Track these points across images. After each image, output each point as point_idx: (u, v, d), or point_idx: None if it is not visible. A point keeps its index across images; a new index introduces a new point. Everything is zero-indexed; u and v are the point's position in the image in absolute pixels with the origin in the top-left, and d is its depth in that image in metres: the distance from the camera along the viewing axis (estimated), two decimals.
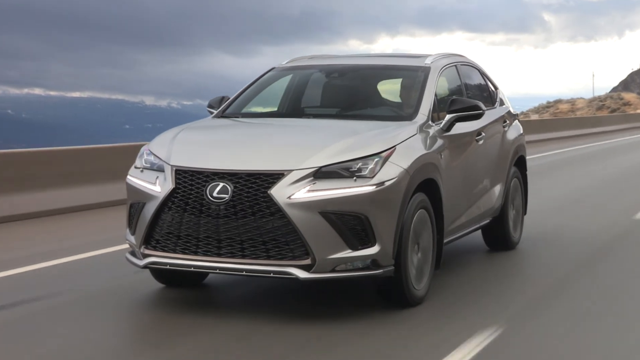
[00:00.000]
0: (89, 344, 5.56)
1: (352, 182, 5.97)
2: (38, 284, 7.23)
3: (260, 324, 5.91)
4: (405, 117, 7.00)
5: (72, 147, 12.93)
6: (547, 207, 11.80)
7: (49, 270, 7.75)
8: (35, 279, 7.43)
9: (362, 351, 5.40)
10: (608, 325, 6.06)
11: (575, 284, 7.35)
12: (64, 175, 11.69)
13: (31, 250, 8.77)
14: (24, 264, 7.91)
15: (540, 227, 10.09)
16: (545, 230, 9.91)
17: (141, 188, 6.33)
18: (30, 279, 7.42)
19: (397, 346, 5.50)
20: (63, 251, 8.58)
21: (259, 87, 7.96)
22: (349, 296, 6.77)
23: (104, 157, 12.47)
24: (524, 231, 9.22)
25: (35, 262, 8.02)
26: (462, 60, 8.38)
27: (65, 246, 8.93)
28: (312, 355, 5.35)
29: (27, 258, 8.22)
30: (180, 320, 6.04)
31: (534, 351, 5.44)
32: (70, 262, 8.10)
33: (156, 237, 6.18)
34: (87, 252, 8.54)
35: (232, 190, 5.92)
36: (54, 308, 6.47)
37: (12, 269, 7.72)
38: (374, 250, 5.99)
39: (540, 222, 10.40)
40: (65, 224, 10.62)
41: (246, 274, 5.96)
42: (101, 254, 8.50)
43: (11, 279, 7.40)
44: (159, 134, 6.92)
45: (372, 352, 5.38)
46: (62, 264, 8.03)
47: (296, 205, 5.84)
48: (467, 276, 7.56)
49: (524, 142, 9.20)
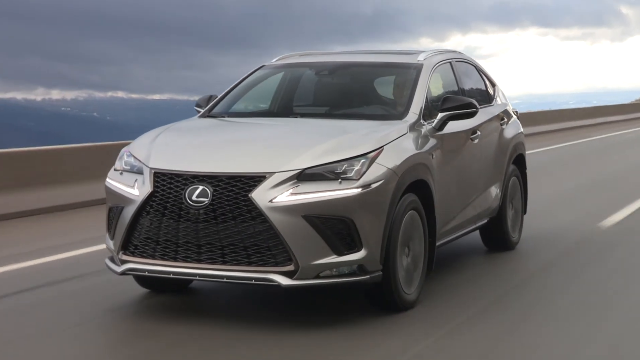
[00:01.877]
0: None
1: (337, 184, 5.74)
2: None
3: (246, 330, 5.72)
4: (395, 116, 6.77)
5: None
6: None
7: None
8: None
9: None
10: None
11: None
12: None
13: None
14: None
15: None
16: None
17: (119, 191, 6.11)
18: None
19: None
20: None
21: (248, 85, 7.73)
22: (338, 300, 6.54)
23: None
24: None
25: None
26: (458, 56, 8.14)
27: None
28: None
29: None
30: (165, 327, 5.83)
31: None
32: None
33: (134, 242, 5.96)
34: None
35: (211, 193, 5.70)
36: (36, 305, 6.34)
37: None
38: (360, 255, 5.75)
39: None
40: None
41: (227, 280, 5.74)
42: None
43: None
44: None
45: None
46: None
47: (278, 209, 5.61)
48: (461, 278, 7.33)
49: (523, 139, 8.94)
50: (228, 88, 7.70)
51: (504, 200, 8.30)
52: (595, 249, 8.62)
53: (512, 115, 8.79)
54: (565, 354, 5.36)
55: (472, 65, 8.42)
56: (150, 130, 6.76)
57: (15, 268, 7.84)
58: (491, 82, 8.72)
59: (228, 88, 7.70)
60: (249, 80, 7.76)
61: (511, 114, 8.79)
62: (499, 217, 8.30)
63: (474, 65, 8.45)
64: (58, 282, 7.30)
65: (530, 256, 8.38)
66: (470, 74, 8.27)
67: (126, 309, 6.42)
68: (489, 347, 5.49)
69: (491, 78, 8.77)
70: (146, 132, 6.74)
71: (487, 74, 8.70)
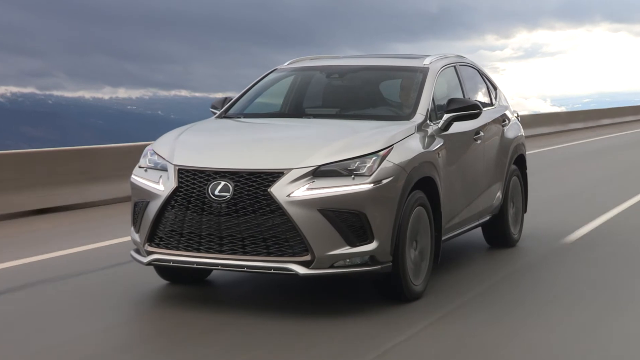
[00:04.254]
0: (93, 338, 5.75)
1: (350, 180, 6.12)
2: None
3: (265, 319, 6.07)
4: (403, 117, 7.14)
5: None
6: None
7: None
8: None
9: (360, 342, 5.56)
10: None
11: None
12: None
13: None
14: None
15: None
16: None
17: (145, 187, 6.49)
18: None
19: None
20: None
21: (261, 88, 8.10)
22: (349, 290, 6.91)
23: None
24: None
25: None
26: (461, 61, 8.51)
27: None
28: (316, 347, 5.52)
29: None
30: (183, 314, 6.21)
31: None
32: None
33: (159, 234, 6.34)
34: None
35: (233, 188, 6.08)
36: (54, 299, 6.68)
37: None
38: (371, 247, 6.13)
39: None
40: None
41: (247, 270, 6.13)
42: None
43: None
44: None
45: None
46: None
47: (295, 203, 5.99)
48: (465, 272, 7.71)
49: (524, 141, 9.33)
50: (242, 90, 8.08)
51: (505, 199, 8.68)
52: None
53: (513, 118, 9.17)
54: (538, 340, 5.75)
55: (475, 69, 8.80)
56: (171, 131, 7.14)
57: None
58: (493, 86, 9.10)
59: (242, 90, 8.08)
60: (262, 83, 8.14)
61: (512, 116, 9.16)
62: (501, 215, 8.68)
63: (477, 69, 8.83)
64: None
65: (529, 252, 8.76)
66: (473, 78, 8.65)
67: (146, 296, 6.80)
68: (481, 332, 5.88)
69: (493, 81, 9.15)
70: (167, 132, 7.11)
71: (489, 78, 9.09)
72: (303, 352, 5.45)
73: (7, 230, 10.15)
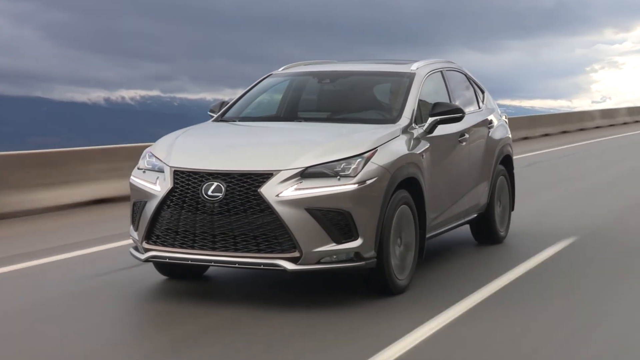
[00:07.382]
0: (91, 333, 6.07)
1: (336, 181, 6.49)
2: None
3: (264, 315, 6.40)
4: (390, 120, 7.49)
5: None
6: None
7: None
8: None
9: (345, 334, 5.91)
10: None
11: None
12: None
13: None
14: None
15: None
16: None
17: (143, 187, 6.87)
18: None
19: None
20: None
21: (257, 92, 8.48)
22: (349, 289, 7.25)
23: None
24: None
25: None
26: (449, 66, 8.86)
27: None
28: (306, 339, 5.86)
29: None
30: (180, 309, 6.56)
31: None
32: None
33: (156, 232, 6.72)
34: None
35: (225, 189, 6.45)
36: (54, 297, 7.01)
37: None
38: (356, 244, 6.50)
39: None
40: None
41: (238, 266, 6.50)
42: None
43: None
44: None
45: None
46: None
47: (284, 202, 6.36)
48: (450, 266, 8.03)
49: (510, 142, 9.67)
50: (238, 95, 8.44)
51: (491, 198, 9.03)
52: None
53: (499, 120, 9.51)
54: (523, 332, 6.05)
55: (462, 73, 9.15)
56: (169, 134, 7.51)
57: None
58: (480, 89, 9.44)
59: (238, 95, 8.44)
60: (258, 88, 8.51)
61: (498, 119, 9.50)
62: (487, 213, 9.02)
63: (464, 74, 9.18)
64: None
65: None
66: (460, 82, 8.99)
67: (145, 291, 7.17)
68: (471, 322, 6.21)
69: (480, 85, 9.49)
70: (165, 135, 7.48)
71: (476, 82, 9.43)
72: (300, 347, 5.71)
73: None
